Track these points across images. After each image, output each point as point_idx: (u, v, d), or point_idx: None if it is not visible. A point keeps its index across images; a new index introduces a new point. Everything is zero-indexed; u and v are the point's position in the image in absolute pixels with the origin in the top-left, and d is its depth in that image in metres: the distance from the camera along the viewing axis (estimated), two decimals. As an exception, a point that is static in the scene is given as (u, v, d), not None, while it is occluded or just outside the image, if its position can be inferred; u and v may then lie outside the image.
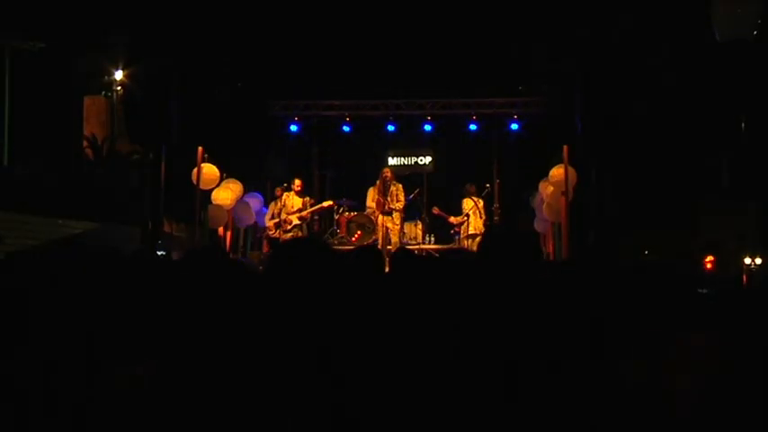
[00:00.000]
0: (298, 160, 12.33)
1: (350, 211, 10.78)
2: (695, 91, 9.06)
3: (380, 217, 9.41)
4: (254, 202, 10.63)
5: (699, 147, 9.37)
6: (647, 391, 1.49)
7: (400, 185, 9.46)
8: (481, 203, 9.69)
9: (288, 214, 9.35)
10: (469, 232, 9.53)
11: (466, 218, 9.52)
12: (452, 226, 9.95)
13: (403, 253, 2.63)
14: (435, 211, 9.85)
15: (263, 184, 11.76)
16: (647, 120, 9.48)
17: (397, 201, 9.31)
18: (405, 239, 10.56)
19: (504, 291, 1.73)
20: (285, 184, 9.62)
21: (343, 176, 11.65)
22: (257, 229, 11.07)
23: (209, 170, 9.26)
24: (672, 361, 1.54)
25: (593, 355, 1.57)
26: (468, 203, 9.60)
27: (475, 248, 9.15)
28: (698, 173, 9.44)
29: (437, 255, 9.59)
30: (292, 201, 9.43)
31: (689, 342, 1.57)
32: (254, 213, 10.41)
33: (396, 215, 9.34)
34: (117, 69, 11.05)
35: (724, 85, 8.79)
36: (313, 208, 9.43)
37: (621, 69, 9.61)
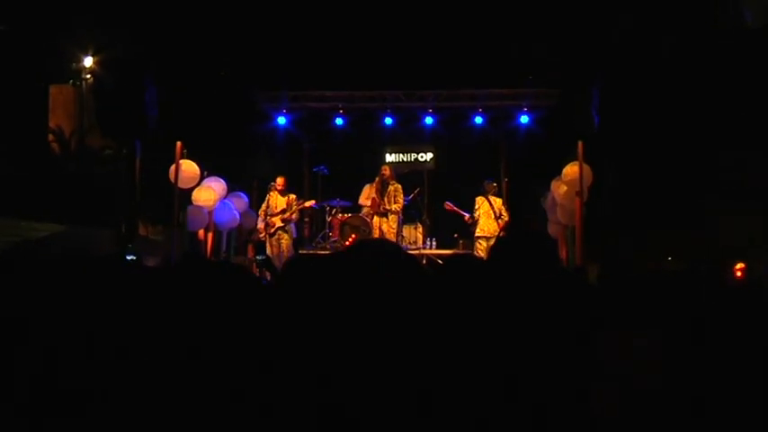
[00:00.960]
0: (286, 157, 12.35)
1: (343, 212, 10.83)
2: (724, 82, 9.06)
3: (375, 218, 9.40)
4: (239, 202, 10.61)
5: (724, 143, 9.38)
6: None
7: (399, 186, 9.45)
8: (499, 203, 9.67)
9: (271, 216, 9.34)
10: (476, 234, 9.50)
11: (471, 219, 9.49)
12: (465, 226, 9.92)
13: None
14: (448, 206, 9.80)
15: (249, 182, 11.75)
16: (669, 113, 9.47)
17: (395, 202, 9.29)
18: (404, 243, 10.55)
19: (517, 300, 1.75)
20: (272, 183, 9.67)
21: (336, 174, 11.65)
22: (241, 231, 11.07)
23: (189, 167, 9.24)
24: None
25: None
26: (480, 202, 9.57)
27: (482, 253, 9.13)
28: (720, 172, 9.45)
29: (440, 261, 9.72)
30: (276, 201, 9.42)
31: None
32: (237, 215, 10.39)
33: (392, 217, 9.33)
34: (86, 55, 10.94)
35: (754, 76, 8.79)
36: (296, 208, 9.43)
37: (642, 57, 9.60)
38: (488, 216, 9.60)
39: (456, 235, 10.27)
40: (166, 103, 10.34)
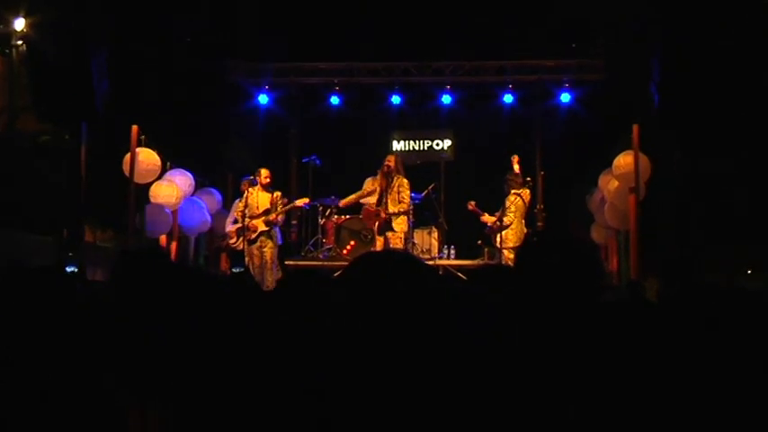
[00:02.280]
0: (269, 144, 12.41)
1: (339, 213, 10.83)
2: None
3: (380, 222, 9.38)
4: (209, 200, 10.67)
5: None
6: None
7: (406, 181, 9.36)
8: (527, 196, 9.61)
9: (251, 217, 9.27)
10: (511, 243, 9.31)
11: (499, 222, 9.40)
12: (485, 230, 9.89)
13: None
14: (471, 206, 9.80)
15: (222, 176, 11.81)
16: (749, 90, 9.40)
17: (399, 201, 9.19)
18: (415, 253, 10.50)
19: (545, 329, 1.78)
20: (251, 177, 9.63)
21: (330, 166, 11.66)
22: (213, 237, 11.12)
23: (148, 157, 9.28)
24: None
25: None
26: (512, 200, 9.41)
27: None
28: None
29: (460, 275, 9.69)
30: (257, 199, 9.33)
31: None
32: (208, 216, 10.42)
33: (399, 220, 9.26)
34: (17, 17, 10.88)
35: None
36: (284, 208, 9.38)
37: (714, 18, 9.53)
38: (522, 218, 9.51)
39: (480, 242, 10.24)
40: (119, 78, 10.36)
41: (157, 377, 1.79)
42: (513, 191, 9.41)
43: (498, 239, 9.41)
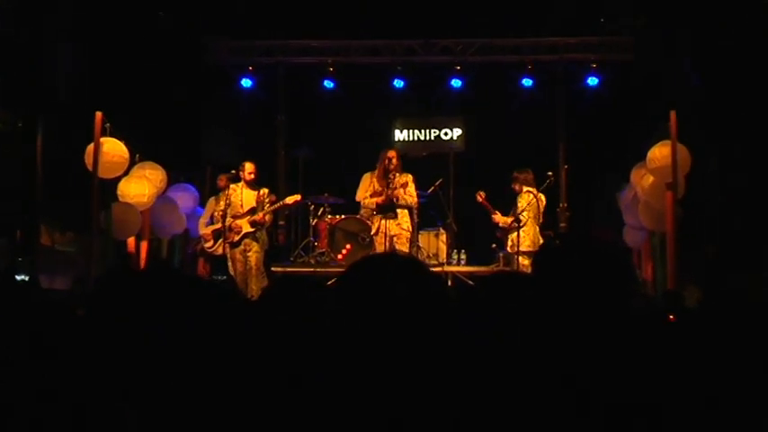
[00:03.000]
0: (254, 134, 12.37)
1: (334, 213, 10.81)
2: None
3: (380, 220, 9.33)
4: (185, 198, 10.66)
5: None
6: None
7: (411, 177, 9.36)
8: (543, 201, 9.62)
9: (235, 217, 9.27)
10: (524, 246, 9.34)
11: (516, 223, 9.38)
12: (496, 232, 9.87)
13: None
14: (480, 197, 9.82)
15: (200, 171, 11.79)
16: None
17: (408, 196, 9.23)
18: (420, 256, 10.45)
19: (565, 344, 1.81)
20: (233, 172, 9.63)
21: (323, 160, 11.63)
22: (189, 239, 11.12)
23: (114, 149, 9.24)
24: None
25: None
26: (527, 200, 9.48)
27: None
28: None
29: (471, 282, 9.66)
30: (241, 196, 9.37)
31: None
32: (183, 216, 10.41)
33: (403, 215, 9.25)
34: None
35: None
36: (272, 207, 9.39)
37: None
38: (536, 219, 9.49)
39: (495, 246, 10.23)
40: (83, 59, 10.30)
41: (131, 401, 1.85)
42: (525, 188, 9.49)
43: (510, 243, 9.40)
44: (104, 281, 2.12)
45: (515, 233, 9.32)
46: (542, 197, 9.55)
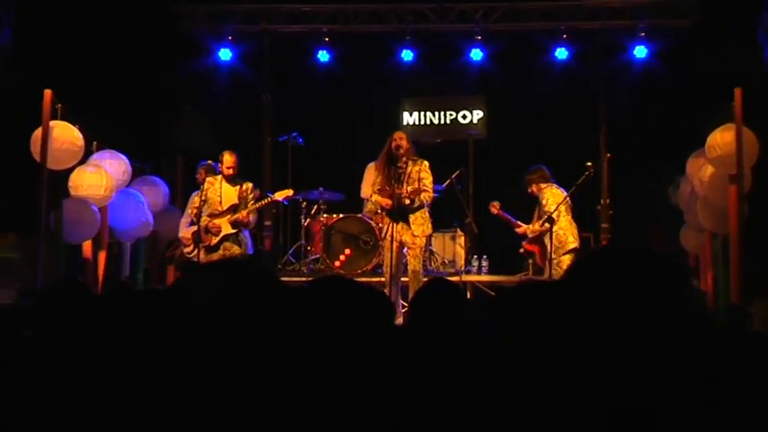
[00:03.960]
0: (235, 117, 12.36)
1: (330, 211, 10.81)
2: None
3: (388, 223, 9.23)
4: (152, 193, 10.65)
5: None
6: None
7: (425, 163, 9.20)
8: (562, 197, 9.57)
9: (212, 216, 9.27)
10: (570, 244, 9.34)
11: (549, 223, 9.34)
12: (526, 242, 9.83)
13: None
14: (495, 209, 9.86)
15: (169, 161, 11.80)
16: None
17: (424, 188, 9.02)
18: (433, 266, 10.38)
19: (605, 373, 1.84)
20: (209, 162, 9.63)
21: (318, 147, 11.60)
22: (157, 244, 11.13)
23: (66, 134, 9.21)
24: None
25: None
26: (554, 197, 9.43)
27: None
28: None
29: (492, 293, 9.61)
30: (220, 191, 9.36)
31: None
32: (149, 216, 10.39)
33: (418, 217, 9.11)
34: None
35: None
36: (257, 204, 9.35)
37: None
38: (572, 222, 9.51)
39: (523, 250, 10.21)
40: (25, 27, 10.27)
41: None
42: (543, 185, 9.57)
43: (550, 247, 9.30)
44: (51, 296, 2.13)
45: (550, 234, 9.24)
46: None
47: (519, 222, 9.78)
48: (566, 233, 9.41)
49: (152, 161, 11.24)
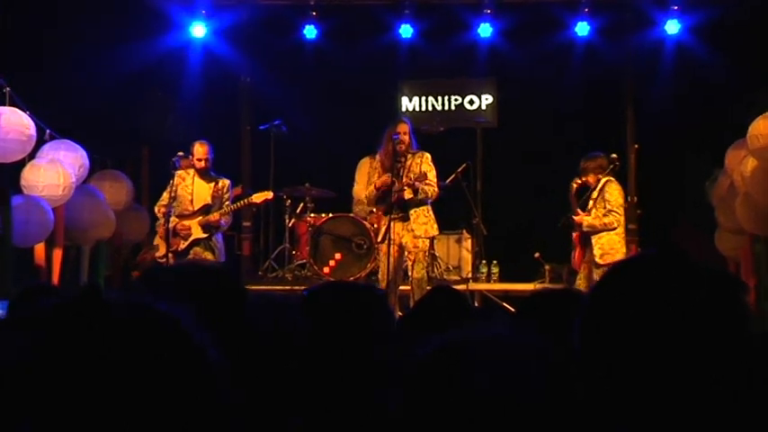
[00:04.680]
0: (208, 103, 12.28)
1: (318, 211, 10.86)
2: None
3: (385, 223, 9.22)
4: (115, 190, 10.62)
5: None
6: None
7: (427, 156, 9.24)
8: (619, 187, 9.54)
9: (182, 217, 9.32)
10: (620, 254, 9.17)
11: (613, 222, 9.29)
12: (556, 238, 9.81)
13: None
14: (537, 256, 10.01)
15: (134, 153, 11.80)
16: None
17: (427, 182, 9.01)
18: (436, 272, 10.37)
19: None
20: (181, 153, 9.65)
21: (304, 138, 11.64)
22: (120, 247, 11.12)
23: (14, 123, 9.17)
24: None
25: None
26: (620, 195, 9.37)
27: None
28: None
29: (508, 306, 9.58)
30: (192, 188, 9.43)
31: None
32: (110, 215, 10.34)
33: (421, 214, 9.09)
34: None
35: None
36: (233, 206, 9.40)
37: None
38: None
39: (538, 254, 10.22)
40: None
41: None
42: (603, 177, 9.40)
43: (598, 253, 9.26)
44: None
45: (604, 237, 9.24)
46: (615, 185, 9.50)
47: (578, 210, 9.54)
48: (621, 241, 9.36)
49: (113, 153, 11.21)
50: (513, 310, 9.06)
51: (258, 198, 9.57)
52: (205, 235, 9.29)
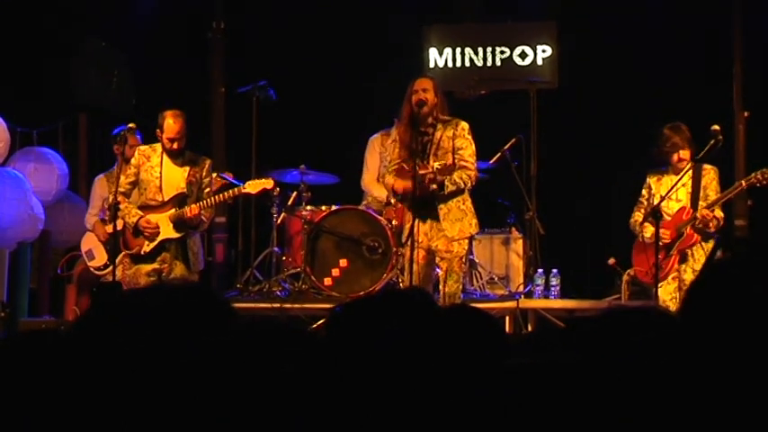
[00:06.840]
0: (169, 58, 12.44)
1: (316, 201, 10.88)
2: None
3: (409, 221, 9.12)
4: (42, 174, 10.86)
5: None
6: None
7: (463, 126, 9.15)
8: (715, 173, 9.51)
9: (146, 209, 9.25)
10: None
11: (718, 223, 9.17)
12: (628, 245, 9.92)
13: None
14: (612, 262, 10.02)
15: (69, 124, 11.86)
16: None
17: (460, 165, 8.96)
18: (476, 284, 10.57)
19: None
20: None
21: (298, 106, 11.81)
22: (48, 250, 11.34)
23: None
24: None
25: None
26: (712, 175, 9.32)
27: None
28: None
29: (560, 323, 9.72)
30: (159, 171, 9.31)
31: None
32: (38, 208, 10.61)
33: (454, 209, 9.00)
34: None
35: None
36: (219, 197, 9.40)
37: None
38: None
39: (613, 261, 10.12)
40: None
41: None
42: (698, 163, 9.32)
43: (691, 258, 9.34)
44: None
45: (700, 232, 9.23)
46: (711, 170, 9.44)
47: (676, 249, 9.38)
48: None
49: (42, 124, 11.39)
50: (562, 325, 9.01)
51: (253, 187, 9.44)
52: (178, 235, 9.19)
